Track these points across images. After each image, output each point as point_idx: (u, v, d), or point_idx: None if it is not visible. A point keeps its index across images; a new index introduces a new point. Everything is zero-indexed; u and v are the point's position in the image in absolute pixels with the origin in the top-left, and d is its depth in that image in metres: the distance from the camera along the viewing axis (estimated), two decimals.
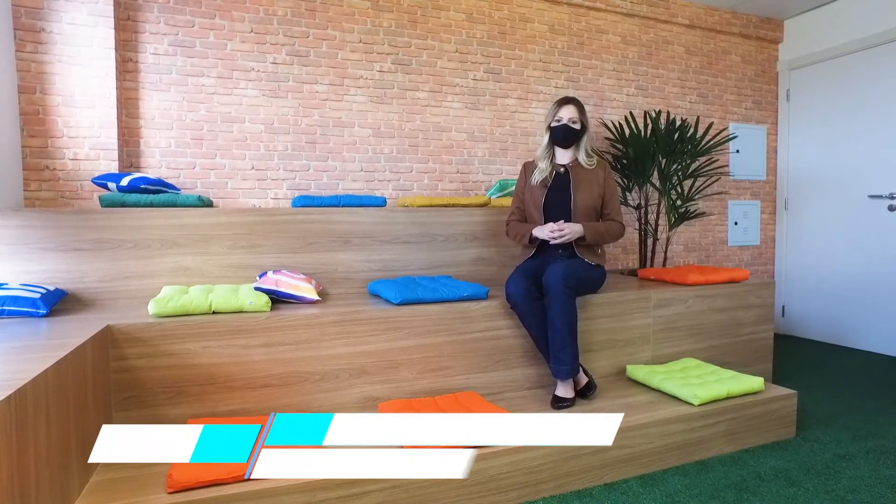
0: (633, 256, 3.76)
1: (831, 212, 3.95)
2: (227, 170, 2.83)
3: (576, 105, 2.40)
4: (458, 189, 3.26)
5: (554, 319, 2.13)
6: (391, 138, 3.12)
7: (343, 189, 3.03)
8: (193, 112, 2.76)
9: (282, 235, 2.48)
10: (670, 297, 2.60)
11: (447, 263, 2.72)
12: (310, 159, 2.97)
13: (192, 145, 2.77)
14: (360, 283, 2.58)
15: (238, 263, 2.41)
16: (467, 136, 3.29)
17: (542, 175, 2.42)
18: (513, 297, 2.18)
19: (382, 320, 2.10)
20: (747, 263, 4.21)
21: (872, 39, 3.62)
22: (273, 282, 2.21)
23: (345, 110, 3.02)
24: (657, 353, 2.58)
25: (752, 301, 2.81)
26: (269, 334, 1.97)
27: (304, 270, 2.49)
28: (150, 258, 2.29)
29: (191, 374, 1.88)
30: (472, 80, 3.28)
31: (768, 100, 4.24)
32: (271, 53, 2.88)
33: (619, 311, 2.49)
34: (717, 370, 2.39)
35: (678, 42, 3.89)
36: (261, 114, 2.88)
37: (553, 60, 3.50)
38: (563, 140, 2.40)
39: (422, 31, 3.16)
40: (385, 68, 3.09)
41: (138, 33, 2.65)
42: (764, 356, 2.86)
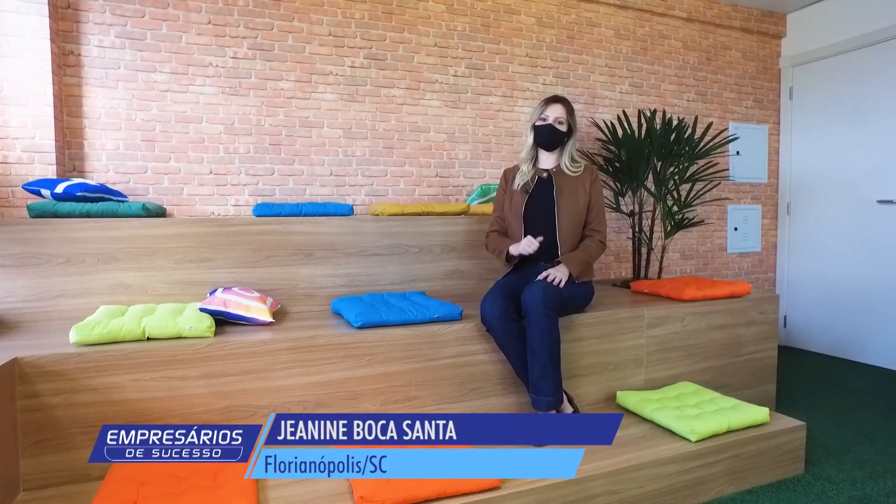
0: (627, 265, 3.53)
1: (837, 217, 3.73)
2: (183, 174, 2.59)
3: (564, 105, 2.17)
4: (437, 194, 3.02)
5: (533, 344, 1.91)
6: (364, 139, 2.88)
7: (311, 195, 2.79)
8: (144, 111, 2.52)
9: (236, 248, 2.25)
10: (665, 314, 2.37)
11: (421, 278, 2.49)
12: (274, 163, 2.73)
13: (143, 147, 2.53)
14: (324, 299, 2.34)
15: (186, 280, 2.18)
16: (447, 137, 3.05)
17: (524, 179, 2.19)
18: (488, 318, 1.95)
19: (341, 346, 1.87)
20: (747, 271, 3.99)
21: (881, 34, 3.39)
22: (220, 302, 1.98)
23: (313, 109, 2.78)
24: (651, 377, 2.35)
25: (755, 317, 2.58)
26: (211, 364, 1.74)
27: (262, 287, 2.26)
28: (84, 274, 2.05)
29: (116, 411, 1.64)
30: (452, 77, 3.04)
31: (770, 98, 4.01)
32: (231, 47, 2.64)
33: (610, 331, 2.26)
34: (716, 397, 2.16)
35: (675, 36, 3.66)
36: (220, 113, 2.63)
37: (541, 55, 3.26)
38: (546, 141, 2.18)
39: (398, 23, 2.92)
40: (357, 63, 2.85)
41: (80, 23, 2.40)
42: (766, 377, 2.64)
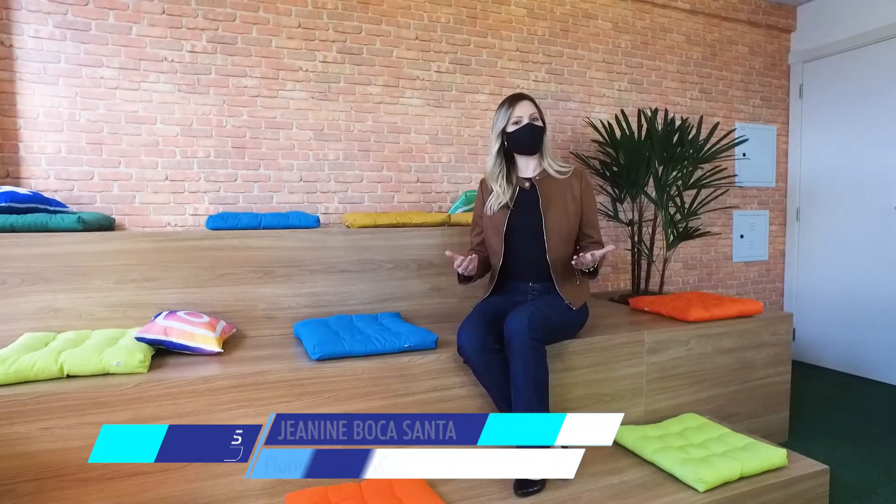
0: (625, 276, 3.28)
1: (850, 223, 3.48)
2: (135, 181, 2.34)
3: (531, 101, 1.91)
4: (418, 201, 2.77)
5: (517, 379, 1.66)
6: (337, 142, 2.62)
7: (278, 203, 2.54)
8: (90, 110, 2.27)
9: (186, 265, 2.00)
10: (668, 337, 2.13)
11: (395, 297, 2.24)
12: (237, 168, 2.48)
13: (89, 151, 2.28)
14: (286, 322, 2.10)
15: (128, 302, 1.93)
16: (429, 139, 2.80)
17: (501, 200, 1.91)
18: (465, 350, 1.70)
19: (296, 382, 1.63)
20: (754, 281, 3.74)
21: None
22: (161, 330, 1.73)
23: (280, 108, 2.53)
24: (651, 408, 2.11)
25: (766, 339, 2.34)
26: (141, 406, 1.50)
27: (215, 309, 2.02)
28: (6, 297, 1.80)
29: (22, 465, 1.40)
30: (435, 73, 2.79)
31: (778, 96, 3.76)
32: (188, 40, 2.38)
33: (605, 358, 2.01)
34: (726, 434, 1.91)
35: (678, 30, 3.40)
36: (176, 113, 2.38)
37: (532, 50, 3.00)
38: (529, 144, 1.89)
39: (374, 13, 2.67)
40: (330, 58, 2.60)
41: (12, 10, 2.15)
42: (779, 404, 2.40)
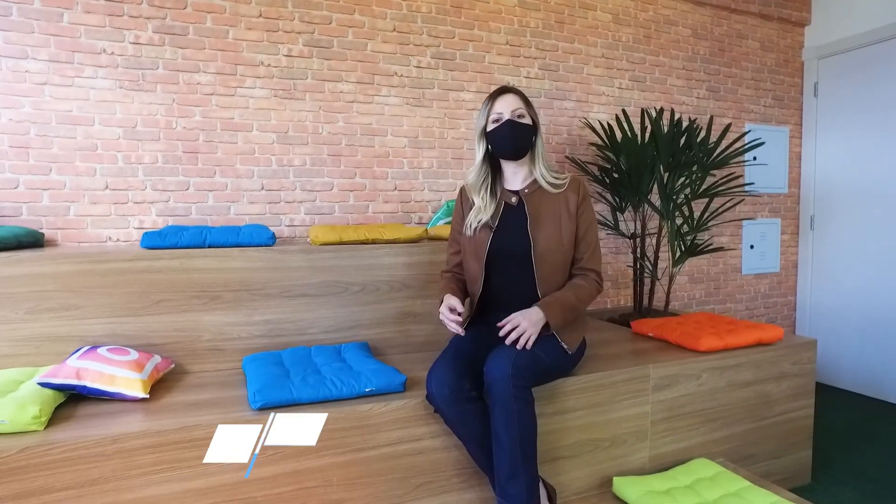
0: (626, 292, 3.00)
1: (869, 232, 3.20)
2: (69, 190, 2.06)
3: (517, 94, 1.60)
4: (395, 212, 2.49)
5: (499, 433, 1.38)
6: (303, 145, 2.34)
7: (237, 214, 2.26)
8: (13, 109, 1.98)
9: (116, 290, 1.71)
10: (676, 371, 1.85)
11: (363, 324, 1.96)
12: (189, 175, 2.20)
13: (13, 156, 1.99)
14: (235, 354, 1.81)
15: (43, 334, 1.65)
16: (409, 142, 2.51)
17: (483, 217, 1.61)
18: (435, 398, 1.42)
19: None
20: (764, 294, 3.46)
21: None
22: (72, 372, 1.45)
23: (239, 108, 2.24)
24: (657, 453, 1.83)
25: (787, 369, 2.06)
26: (30, 477, 1.22)
27: (151, 341, 1.73)
28: None
29: None
30: (415, 68, 2.51)
31: (791, 95, 3.48)
32: (132, 30, 2.10)
33: (605, 398, 1.73)
34: (745, 488, 1.64)
35: (683, 23, 3.12)
36: (117, 113, 2.10)
37: (524, 43, 2.72)
38: (512, 146, 1.59)
39: (347, 2, 2.38)
40: (295, 52, 2.31)
41: None
42: (801, 442, 2.12)
